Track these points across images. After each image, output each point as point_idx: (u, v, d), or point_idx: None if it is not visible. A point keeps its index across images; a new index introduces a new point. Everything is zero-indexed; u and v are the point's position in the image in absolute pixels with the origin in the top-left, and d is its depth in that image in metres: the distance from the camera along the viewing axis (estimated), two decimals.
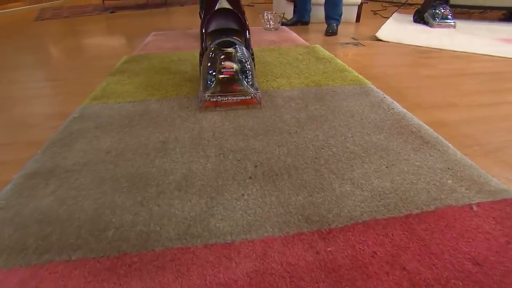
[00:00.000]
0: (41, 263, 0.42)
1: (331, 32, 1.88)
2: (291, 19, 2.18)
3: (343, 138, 0.71)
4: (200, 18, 0.98)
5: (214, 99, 0.84)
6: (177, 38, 1.80)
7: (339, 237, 0.46)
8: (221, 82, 0.83)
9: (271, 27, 1.98)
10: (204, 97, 0.84)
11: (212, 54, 0.85)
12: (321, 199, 0.53)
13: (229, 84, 0.83)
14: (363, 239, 0.45)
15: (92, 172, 0.61)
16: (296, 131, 0.75)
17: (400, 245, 0.45)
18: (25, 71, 1.35)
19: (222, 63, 0.82)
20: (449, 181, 0.57)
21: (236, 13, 0.93)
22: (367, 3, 3.20)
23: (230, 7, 0.93)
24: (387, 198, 0.53)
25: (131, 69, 1.24)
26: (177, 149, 0.68)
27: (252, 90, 0.85)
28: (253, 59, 0.92)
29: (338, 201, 0.52)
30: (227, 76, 0.82)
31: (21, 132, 0.83)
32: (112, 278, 0.40)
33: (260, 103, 0.86)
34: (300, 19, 2.17)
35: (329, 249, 0.44)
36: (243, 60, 0.85)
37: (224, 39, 0.87)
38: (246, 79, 0.84)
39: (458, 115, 0.86)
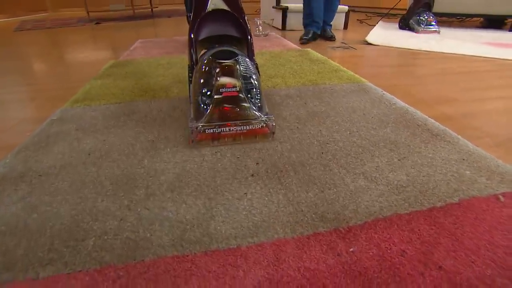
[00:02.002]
0: None
1: (331, 36, 1.85)
2: (306, 34, 1.81)
3: (348, 132, 0.67)
4: (188, 23, 0.75)
5: (211, 130, 0.60)
6: (165, 45, 1.76)
7: (361, 236, 0.40)
8: (220, 106, 0.60)
9: (260, 33, 1.96)
10: (197, 128, 0.59)
11: (205, 68, 0.63)
12: (334, 195, 0.47)
13: (230, 109, 0.60)
14: (388, 236, 0.40)
15: (71, 176, 0.53)
16: (297, 127, 0.69)
17: (429, 241, 0.39)
18: (0, 78, 1.25)
19: (219, 78, 0.60)
20: (467, 172, 0.53)
21: (234, 15, 0.71)
22: (354, 11, 3.28)
23: (226, 8, 0.71)
24: (405, 192, 0.48)
25: (117, 73, 1.17)
26: (168, 149, 0.61)
27: (262, 115, 0.62)
28: (258, 73, 0.71)
29: (353, 197, 0.47)
30: (227, 97, 0.60)
31: None
32: None
33: (274, 133, 0.63)
34: (317, 32, 1.84)
35: (351, 249, 0.38)
36: (248, 75, 0.63)
37: (222, 48, 0.66)
38: (252, 101, 0.62)
39: (462, 109, 0.83)
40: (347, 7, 2.26)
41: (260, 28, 1.92)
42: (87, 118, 0.77)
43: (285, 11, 2.21)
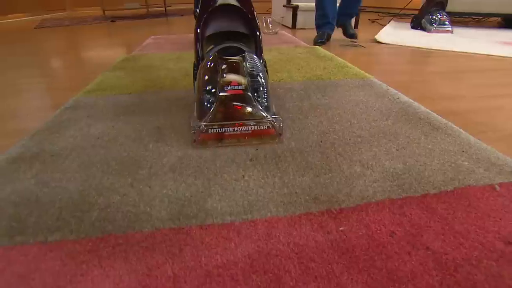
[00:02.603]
0: (11, 245, 0.37)
1: (352, 35, 1.64)
2: (320, 36, 1.69)
3: (349, 123, 0.67)
4: (195, 18, 0.74)
5: (215, 130, 0.57)
6: (176, 41, 1.80)
7: (352, 217, 0.41)
8: (224, 104, 0.58)
9: (270, 31, 1.98)
10: (200, 128, 0.57)
11: (211, 65, 0.61)
12: (329, 180, 0.48)
13: (236, 108, 0.58)
14: (378, 218, 0.41)
15: (80, 156, 0.57)
16: (299, 118, 0.71)
17: (420, 224, 0.40)
18: (19, 70, 1.32)
19: (225, 75, 0.58)
20: (466, 163, 0.53)
21: (243, 11, 0.69)
22: (365, 10, 3.26)
23: (236, 3, 0.69)
24: (400, 179, 0.49)
25: (129, 66, 1.21)
26: (173, 135, 0.64)
27: (269, 115, 0.58)
28: (266, 71, 0.69)
29: (347, 182, 0.48)
30: (233, 95, 0.58)
31: (8, 121, 0.79)
32: (92, 260, 0.35)
33: (281, 134, 0.60)
34: (330, 33, 1.72)
35: (341, 228, 0.39)
36: (255, 73, 0.60)
37: (228, 44, 0.65)
38: (259, 100, 0.59)
39: (468, 105, 0.83)
40: None
41: (270, 25, 1.93)
42: (98, 106, 0.81)
43: (295, 9, 2.22)
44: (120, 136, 0.64)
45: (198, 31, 0.70)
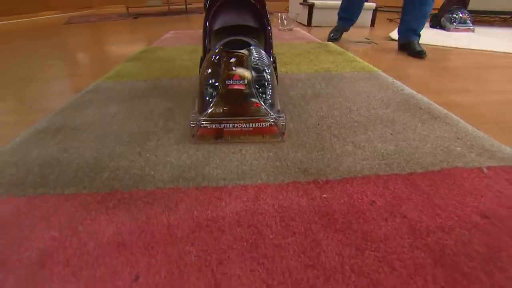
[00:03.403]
0: (35, 195, 0.43)
1: (419, 52, 1.30)
2: (335, 32, 1.70)
3: (348, 110, 0.70)
4: (205, 11, 0.72)
5: (214, 125, 0.55)
6: (194, 36, 1.86)
7: (337, 188, 0.44)
8: (226, 99, 0.55)
9: (285, 28, 2.01)
10: (198, 122, 0.55)
11: (215, 58, 0.58)
12: (320, 156, 0.51)
13: (237, 103, 0.55)
14: (362, 190, 0.43)
15: (97, 130, 0.63)
16: (300, 104, 0.74)
17: (401, 197, 0.42)
18: (49, 60, 1.43)
19: (229, 69, 0.55)
20: (458, 148, 0.54)
21: (253, 4, 0.67)
22: (383, 11, 3.20)
23: None
24: (390, 158, 0.51)
25: (147, 57, 1.28)
26: (181, 115, 0.69)
27: (272, 112, 0.56)
28: (275, 68, 0.67)
29: (338, 158, 0.51)
30: (235, 90, 0.55)
31: (37, 102, 0.87)
32: (100, 209, 0.40)
33: (284, 133, 0.57)
34: (346, 29, 1.73)
35: (324, 195, 0.42)
36: (261, 67, 0.57)
37: (235, 37, 0.62)
38: (263, 96, 0.56)
39: (473, 98, 0.82)
40: (374, 4, 2.23)
41: (285, 22, 1.96)
42: (116, 90, 0.87)
43: (311, 7, 2.24)
44: (134, 115, 0.69)
45: (207, 24, 0.69)
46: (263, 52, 0.61)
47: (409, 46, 1.35)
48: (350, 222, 0.38)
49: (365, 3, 1.96)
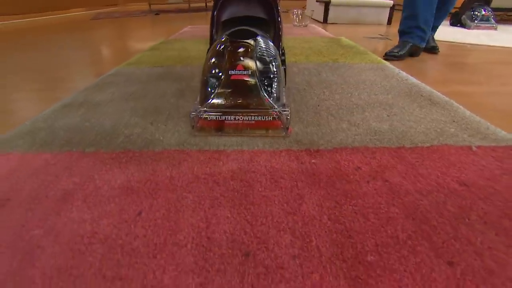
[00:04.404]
0: (60, 152, 0.49)
1: (433, 47, 1.29)
2: (401, 47, 1.19)
3: (349, 95, 0.73)
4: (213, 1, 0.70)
5: (214, 117, 0.53)
6: None
7: (326, 155, 0.47)
8: (229, 89, 0.52)
9: (300, 24, 2.04)
10: (198, 113, 0.53)
11: (220, 47, 0.56)
12: (315, 131, 0.55)
13: (240, 94, 0.52)
14: (350, 158, 0.47)
15: (115, 105, 0.69)
16: (304, 89, 0.77)
17: (386, 166, 0.45)
18: (77, 50, 1.54)
19: (231, 59, 0.53)
20: (452, 130, 0.56)
21: None
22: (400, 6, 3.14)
23: None
24: (382, 135, 0.53)
25: (165, 47, 1.36)
26: (192, 94, 0.74)
27: (276, 106, 0.52)
28: (283, 61, 0.64)
29: (331, 133, 0.54)
30: (238, 80, 0.52)
31: (66, 82, 0.96)
32: (114, 163, 0.46)
33: (288, 128, 0.53)
34: (419, 46, 1.21)
35: (313, 161, 0.46)
36: (267, 59, 0.54)
37: (241, 27, 0.59)
38: (268, 89, 0.53)
39: (479, 89, 0.82)
40: (392, 1, 2.21)
41: (300, 17, 1.99)
42: (135, 74, 0.94)
43: (327, 4, 2.25)
44: (149, 94, 0.76)
45: (214, 14, 0.67)
46: (271, 44, 0.58)
47: (432, 42, 1.30)
48: (334, 181, 0.41)
49: (383, 1, 1.96)
